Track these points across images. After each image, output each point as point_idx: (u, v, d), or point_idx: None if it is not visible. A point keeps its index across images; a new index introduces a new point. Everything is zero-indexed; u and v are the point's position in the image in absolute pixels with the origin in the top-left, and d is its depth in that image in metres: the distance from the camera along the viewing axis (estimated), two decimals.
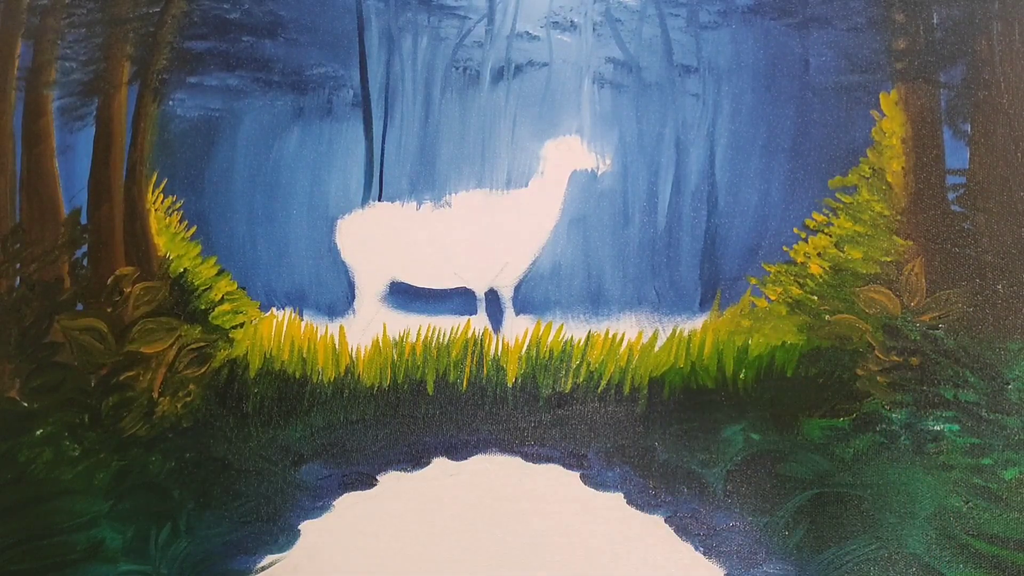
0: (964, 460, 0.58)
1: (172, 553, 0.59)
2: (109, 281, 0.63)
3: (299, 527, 0.59)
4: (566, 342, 0.61)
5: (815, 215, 0.61)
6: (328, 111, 0.63)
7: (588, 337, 0.61)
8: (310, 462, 0.60)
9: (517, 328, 0.61)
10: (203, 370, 0.61)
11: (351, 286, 0.62)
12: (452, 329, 0.61)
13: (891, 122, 0.62)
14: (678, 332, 0.61)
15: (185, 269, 0.62)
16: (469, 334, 0.61)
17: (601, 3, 0.64)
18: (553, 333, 0.61)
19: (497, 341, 0.61)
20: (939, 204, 0.61)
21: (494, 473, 0.60)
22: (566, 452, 0.60)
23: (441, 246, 0.62)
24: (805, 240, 0.61)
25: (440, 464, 0.60)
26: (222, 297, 0.62)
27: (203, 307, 0.62)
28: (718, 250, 0.62)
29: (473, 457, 0.60)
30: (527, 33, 0.64)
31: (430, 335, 0.61)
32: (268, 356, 0.61)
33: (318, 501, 0.59)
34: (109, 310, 0.62)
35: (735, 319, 0.61)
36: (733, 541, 0.58)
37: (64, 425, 0.60)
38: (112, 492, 0.59)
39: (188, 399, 0.60)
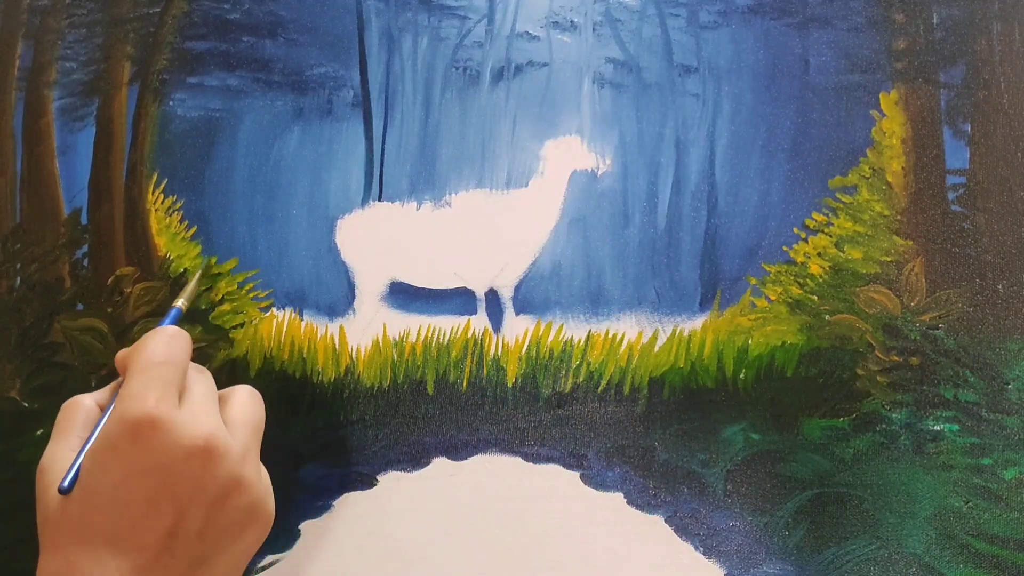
0: (964, 460, 0.58)
1: None
2: (109, 281, 0.63)
3: (299, 527, 0.59)
4: (566, 342, 0.61)
5: (815, 215, 0.61)
6: (328, 111, 0.63)
7: (588, 337, 0.61)
8: (310, 462, 0.60)
9: (517, 328, 0.61)
10: None
11: (351, 286, 0.62)
12: (452, 329, 0.61)
13: (891, 122, 0.62)
14: (678, 332, 0.61)
15: (185, 269, 0.62)
16: (469, 334, 0.61)
17: (601, 3, 0.64)
18: (553, 333, 0.61)
19: (497, 341, 0.61)
20: (939, 204, 0.61)
21: (494, 473, 0.60)
22: (566, 452, 0.60)
23: (441, 246, 0.62)
24: (805, 240, 0.61)
25: (440, 464, 0.60)
26: (222, 297, 0.62)
27: (203, 307, 0.62)
28: (718, 250, 0.61)
29: (473, 457, 0.60)
30: (527, 33, 0.64)
31: (430, 335, 0.61)
32: (268, 356, 0.61)
33: (318, 501, 0.59)
34: (109, 310, 0.62)
35: (735, 319, 0.61)
36: (733, 541, 0.58)
37: None
38: None
39: None
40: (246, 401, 0.46)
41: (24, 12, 0.64)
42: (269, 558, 0.59)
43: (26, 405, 0.61)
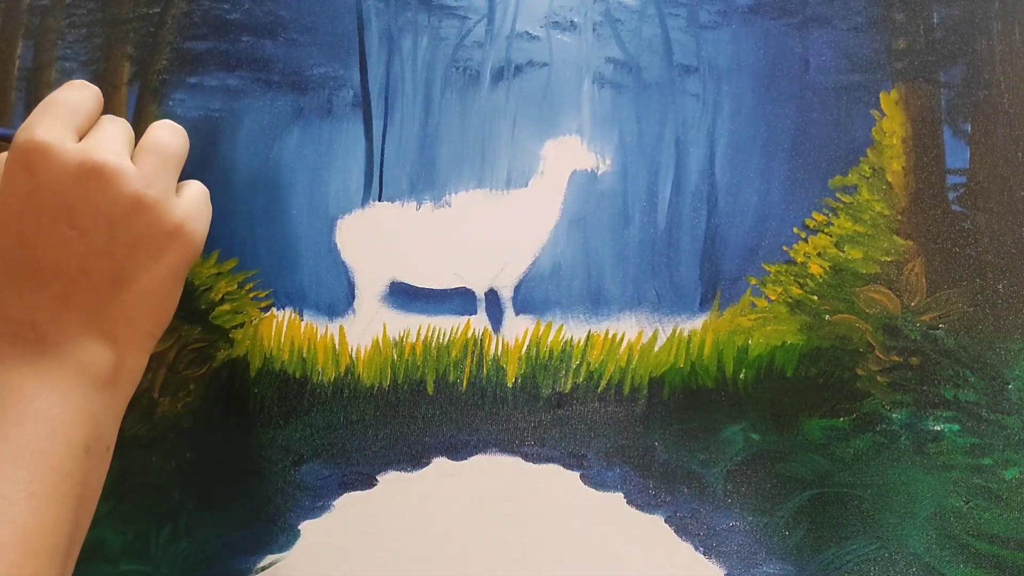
0: (964, 460, 0.58)
1: (173, 553, 0.59)
2: None
3: (299, 527, 0.59)
4: (566, 342, 0.61)
5: (815, 215, 0.61)
6: (328, 111, 0.63)
7: (588, 337, 0.61)
8: (310, 462, 0.60)
9: (517, 328, 0.61)
10: (203, 370, 0.61)
11: (351, 286, 0.62)
12: (452, 329, 0.61)
13: (891, 122, 0.62)
14: (678, 332, 0.61)
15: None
16: (469, 334, 0.61)
17: (601, 3, 0.64)
18: (553, 333, 0.61)
19: (497, 341, 0.61)
20: (939, 204, 0.61)
21: (494, 473, 0.60)
22: (566, 452, 0.60)
23: (441, 246, 0.62)
24: (805, 240, 0.61)
25: (440, 464, 0.60)
26: (222, 297, 0.62)
27: (203, 307, 0.62)
28: (718, 250, 0.61)
29: (473, 457, 0.60)
30: (527, 33, 0.64)
31: (430, 335, 0.61)
32: (268, 356, 0.61)
33: (318, 501, 0.60)
34: None
35: (735, 319, 0.61)
36: (733, 541, 0.58)
37: None
38: (113, 493, 0.59)
39: (188, 399, 0.60)
40: (159, 132, 0.49)
41: (24, 12, 0.64)
42: (269, 558, 0.59)
43: None
